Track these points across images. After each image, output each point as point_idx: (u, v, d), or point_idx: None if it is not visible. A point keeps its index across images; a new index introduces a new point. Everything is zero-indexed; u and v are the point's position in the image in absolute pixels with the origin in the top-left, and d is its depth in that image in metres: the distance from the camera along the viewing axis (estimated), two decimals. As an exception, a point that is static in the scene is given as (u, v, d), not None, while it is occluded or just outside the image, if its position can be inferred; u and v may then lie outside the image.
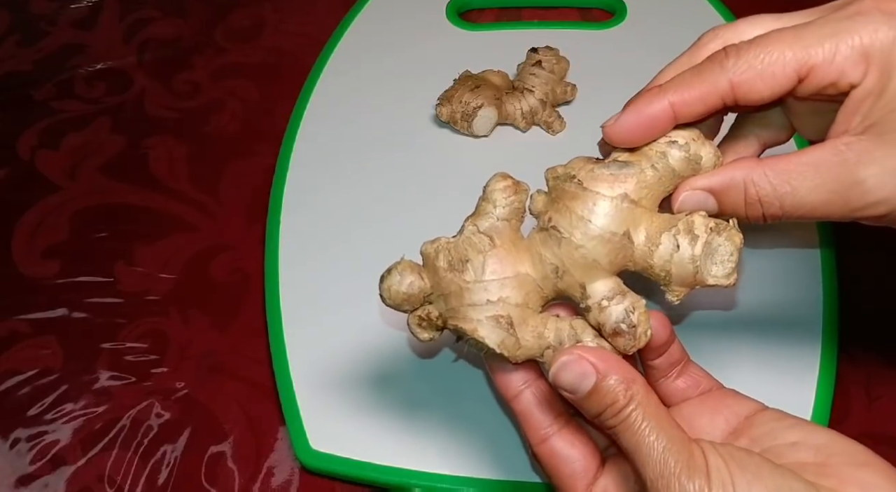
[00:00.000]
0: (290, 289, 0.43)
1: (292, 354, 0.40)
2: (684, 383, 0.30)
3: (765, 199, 0.26)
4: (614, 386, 0.24)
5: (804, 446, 0.25)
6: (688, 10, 0.55)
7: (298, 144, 0.49)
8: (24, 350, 0.43)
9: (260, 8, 0.59)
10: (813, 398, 0.38)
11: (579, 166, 0.28)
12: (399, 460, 0.37)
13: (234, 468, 0.39)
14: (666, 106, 0.27)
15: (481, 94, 0.47)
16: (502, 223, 0.28)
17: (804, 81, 0.25)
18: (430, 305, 0.28)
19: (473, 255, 0.27)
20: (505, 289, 0.27)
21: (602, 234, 0.27)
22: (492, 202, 0.28)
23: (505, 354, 0.27)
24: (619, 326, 0.26)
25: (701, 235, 0.26)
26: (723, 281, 0.27)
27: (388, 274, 0.28)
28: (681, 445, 0.23)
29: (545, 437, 0.28)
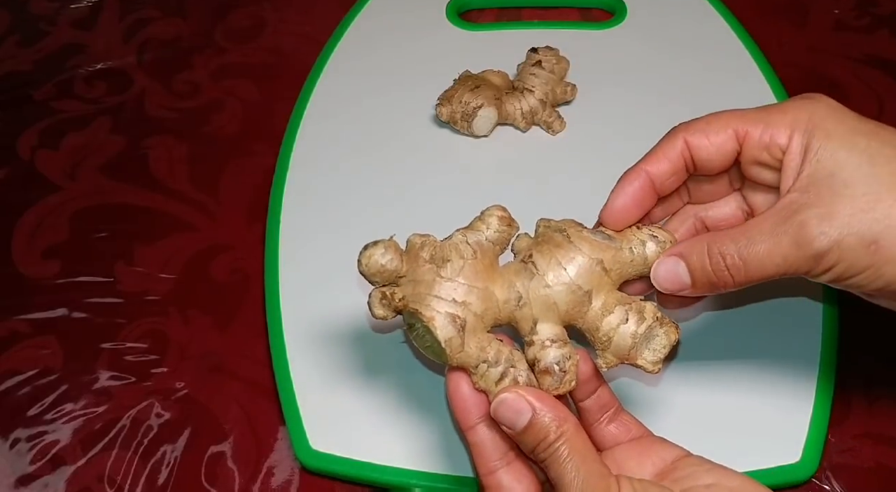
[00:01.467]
0: (290, 289, 0.43)
1: (292, 355, 0.40)
2: (616, 429, 0.32)
3: (727, 255, 0.28)
4: (547, 423, 0.27)
5: (718, 487, 0.27)
6: (688, 10, 0.55)
7: (298, 144, 0.49)
8: (24, 350, 0.43)
9: (260, 8, 0.59)
10: (813, 398, 0.38)
11: (570, 225, 0.31)
12: (399, 460, 0.37)
13: (234, 468, 0.39)
14: (643, 175, 0.31)
15: (481, 94, 0.47)
16: (489, 244, 0.31)
17: (743, 145, 0.29)
18: (396, 287, 0.30)
19: (455, 258, 0.30)
20: (471, 296, 0.29)
21: (570, 283, 0.30)
22: (486, 224, 0.31)
23: (447, 352, 0.29)
24: (551, 367, 0.29)
25: (647, 320, 0.30)
26: (649, 366, 0.30)
27: (374, 245, 0.30)
28: (599, 478, 0.26)
29: (493, 469, 0.29)
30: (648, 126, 0.48)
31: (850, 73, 0.53)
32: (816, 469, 0.36)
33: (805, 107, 0.29)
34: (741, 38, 0.53)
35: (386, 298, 0.30)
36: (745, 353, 0.39)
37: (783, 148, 0.29)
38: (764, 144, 0.29)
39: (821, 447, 0.37)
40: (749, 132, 0.29)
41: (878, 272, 0.27)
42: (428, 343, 0.30)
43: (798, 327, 0.40)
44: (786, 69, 0.52)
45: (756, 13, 0.57)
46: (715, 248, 0.29)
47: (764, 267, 0.28)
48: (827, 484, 0.37)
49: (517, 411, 0.28)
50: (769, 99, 0.49)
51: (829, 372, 0.39)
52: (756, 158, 0.30)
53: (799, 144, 0.28)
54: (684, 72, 0.51)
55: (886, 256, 0.26)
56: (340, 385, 0.39)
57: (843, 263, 0.27)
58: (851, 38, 0.55)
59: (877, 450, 0.38)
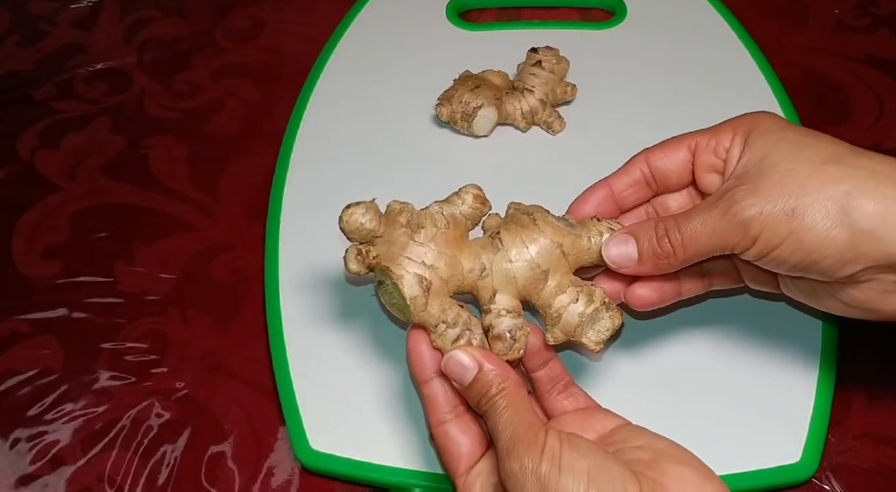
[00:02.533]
0: (290, 289, 0.43)
1: (292, 355, 0.40)
2: (566, 400, 0.34)
3: (669, 230, 0.31)
4: (490, 379, 0.30)
5: (645, 448, 0.29)
6: (688, 10, 0.55)
7: (298, 144, 0.49)
8: (24, 350, 0.43)
9: (260, 8, 0.59)
10: (813, 398, 0.38)
11: (538, 210, 0.34)
12: (399, 460, 0.37)
13: (234, 468, 0.39)
14: (605, 184, 0.35)
15: (481, 94, 0.47)
16: (462, 218, 0.33)
17: (695, 154, 0.33)
18: (371, 246, 0.33)
19: (429, 225, 0.32)
20: (439, 261, 0.32)
21: (531, 261, 0.33)
22: (462, 199, 0.34)
23: (410, 309, 0.32)
24: (503, 334, 0.32)
25: (595, 303, 0.32)
26: (591, 345, 0.32)
27: (356, 205, 0.32)
28: (528, 427, 0.28)
29: (443, 420, 0.32)
30: (648, 126, 0.48)
31: (850, 73, 0.53)
32: (816, 469, 0.36)
33: (749, 116, 0.33)
34: (741, 38, 0.53)
35: (361, 254, 0.32)
36: (746, 353, 0.39)
37: (727, 148, 0.32)
38: (711, 147, 0.33)
39: (821, 447, 0.37)
40: (699, 141, 0.33)
41: (799, 240, 0.29)
42: (395, 300, 0.32)
43: (798, 327, 0.40)
44: (786, 69, 0.52)
45: (756, 13, 0.57)
46: (661, 225, 0.32)
47: (698, 239, 0.31)
48: (827, 484, 0.37)
49: (465, 366, 0.31)
50: (769, 99, 0.49)
51: (830, 372, 0.39)
52: (706, 162, 0.33)
53: (739, 141, 0.32)
54: (684, 72, 0.51)
55: (804, 222, 0.29)
56: (340, 385, 0.39)
57: (767, 232, 0.29)
58: (851, 38, 0.55)
59: (877, 450, 0.38)
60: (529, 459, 0.27)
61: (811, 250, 0.29)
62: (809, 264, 0.29)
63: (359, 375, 0.40)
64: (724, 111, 0.48)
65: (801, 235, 0.29)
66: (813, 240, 0.29)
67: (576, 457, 0.27)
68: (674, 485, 0.27)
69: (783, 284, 0.34)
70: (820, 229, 0.29)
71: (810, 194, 0.29)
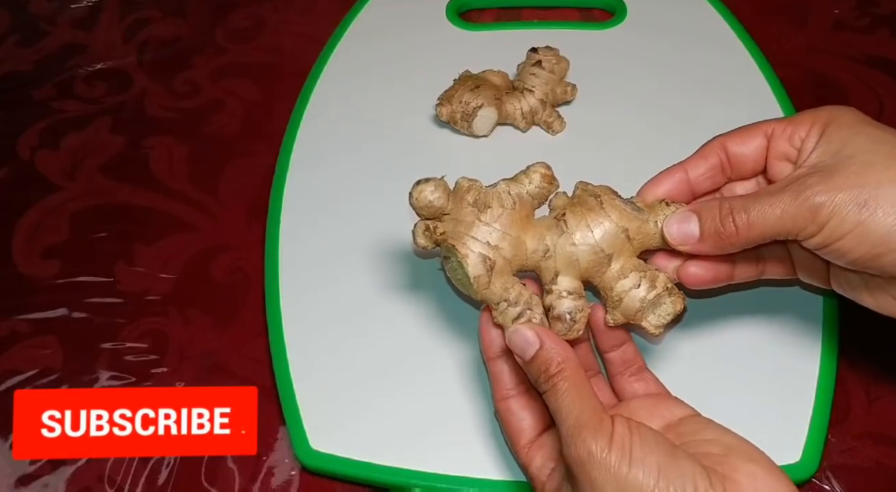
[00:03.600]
0: (290, 289, 0.43)
1: (292, 355, 0.40)
2: (636, 383, 0.35)
3: (734, 214, 0.31)
4: (550, 357, 0.30)
5: (715, 442, 0.30)
6: (688, 10, 0.55)
7: (298, 144, 0.49)
8: (24, 350, 0.43)
9: (260, 8, 0.59)
10: (813, 398, 0.38)
11: (605, 192, 0.34)
12: (399, 460, 0.37)
13: (234, 468, 0.39)
14: (680, 168, 0.35)
15: (481, 94, 0.47)
16: (528, 197, 0.34)
17: (770, 140, 0.33)
18: (439, 222, 0.34)
19: (496, 205, 0.33)
20: (503, 242, 0.33)
21: (594, 245, 0.33)
22: (529, 178, 0.34)
23: (473, 287, 0.33)
24: (563, 315, 0.33)
25: (657, 288, 0.33)
26: (651, 329, 0.33)
27: (425, 181, 0.33)
28: (593, 412, 0.29)
29: (506, 396, 0.34)
30: (648, 126, 0.48)
31: (850, 73, 0.53)
32: (816, 469, 0.36)
33: (828, 108, 0.32)
34: (741, 38, 0.53)
35: (429, 230, 0.34)
36: (746, 353, 0.39)
37: (803, 137, 0.32)
38: (787, 135, 0.32)
39: (821, 447, 0.37)
40: (775, 128, 0.33)
41: (866, 232, 0.29)
42: (459, 276, 0.34)
43: (798, 328, 0.40)
44: (786, 69, 0.52)
45: (756, 13, 0.57)
46: (726, 204, 0.31)
47: (765, 220, 0.30)
48: (827, 484, 0.37)
49: (527, 341, 0.31)
50: (769, 99, 0.49)
51: (830, 372, 0.39)
52: (780, 150, 0.33)
53: (816, 132, 0.32)
54: (684, 72, 0.51)
55: (875, 215, 0.28)
56: (340, 385, 0.39)
57: (835, 220, 0.29)
58: (851, 38, 0.55)
59: (877, 450, 0.38)
60: (597, 446, 0.27)
61: (877, 243, 0.29)
62: (872, 258, 0.29)
63: (359, 375, 0.40)
64: (724, 111, 0.48)
65: (869, 227, 0.29)
66: (881, 233, 0.28)
67: (647, 451, 0.27)
68: (745, 483, 0.27)
69: (834, 279, 0.34)
70: (890, 223, 0.28)
71: (884, 187, 0.29)
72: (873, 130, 0.30)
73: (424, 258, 0.43)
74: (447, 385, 0.39)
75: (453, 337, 0.41)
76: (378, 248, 0.44)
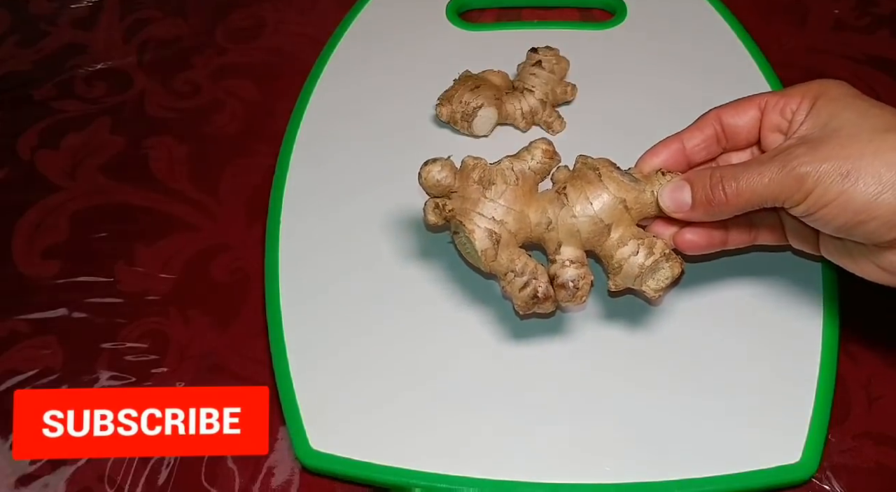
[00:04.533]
0: (290, 289, 0.43)
1: (292, 355, 0.40)
2: None
3: (724, 182, 0.32)
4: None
5: None
6: (688, 11, 0.55)
7: (298, 143, 0.49)
8: (24, 350, 0.43)
9: (260, 8, 0.59)
10: (813, 398, 0.38)
11: (603, 164, 0.36)
12: (399, 460, 0.37)
13: (234, 468, 0.39)
14: (677, 139, 0.36)
15: (481, 94, 0.47)
16: (530, 173, 0.35)
17: (763, 112, 0.35)
18: (448, 200, 0.35)
19: (500, 182, 0.35)
20: (508, 216, 0.35)
21: (594, 216, 0.35)
22: (531, 154, 0.36)
23: (481, 260, 0.35)
24: (567, 283, 0.35)
25: (655, 254, 0.34)
26: (651, 293, 0.35)
27: (433, 162, 0.35)
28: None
29: None
30: (648, 126, 0.48)
31: (850, 73, 0.53)
32: (816, 469, 0.36)
33: (819, 81, 0.34)
34: (741, 38, 0.53)
35: (438, 208, 0.36)
36: (746, 353, 0.39)
37: (794, 110, 0.33)
38: (779, 108, 0.34)
39: (821, 447, 0.37)
40: (769, 101, 0.34)
41: (848, 200, 0.30)
42: (468, 250, 0.36)
43: (799, 327, 0.40)
44: (786, 69, 0.52)
45: (756, 13, 0.57)
46: (716, 173, 0.33)
47: (753, 188, 0.32)
48: (827, 484, 0.37)
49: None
50: (769, 99, 0.49)
51: (830, 372, 0.39)
52: (772, 122, 0.34)
53: (806, 105, 0.33)
54: (684, 72, 0.51)
55: (856, 185, 0.30)
56: (340, 385, 0.39)
57: (820, 188, 0.30)
58: (851, 38, 0.55)
59: (877, 450, 0.38)
60: None
61: (858, 211, 0.30)
62: (855, 225, 0.30)
63: (359, 374, 0.40)
64: (724, 111, 0.48)
65: (851, 196, 0.30)
66: (862, 201, 0.30)
67: None
68: None
69: (823, 245, 0.35)
70: (871, 193, 0.30)
71: (866, 158, 0.30)
72: (861, 104, 0.32)
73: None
74: (447, 385, 0.39)
75: (453, 337, 0.41)
76: (378, 247, 0.44)
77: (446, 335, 0.41)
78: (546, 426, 0.38)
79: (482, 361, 0.40)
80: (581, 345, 0.40)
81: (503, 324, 0.41)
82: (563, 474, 0.36)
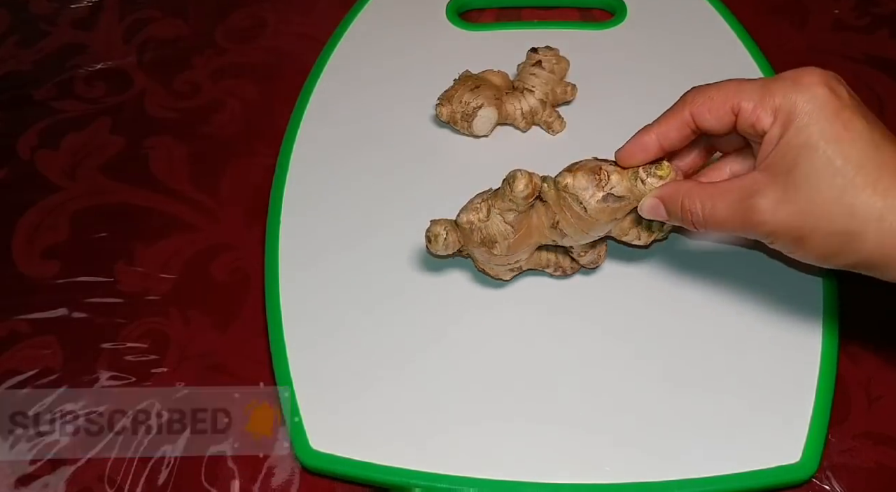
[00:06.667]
0: (290, 289, 0.43)
1: (292, 355, 0.40)
2: None
3: (693, 212, 0.34)
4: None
5: None
6: (688, 10, 0.55)
7: (298, 143, 0.49)
8: (24, 350, 0.43)
9: (260, 8, 0.59)
10: (813, 398, 0.38)
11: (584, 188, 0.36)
12: (399, 460, 0.37)
13: (234, 468, 0.39)
14: (652, 135, 0.36)
15: (481, 94, 0.47)
16: (522, 212, 0.36)
17: (737, 117, 0.33)
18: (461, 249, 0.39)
19: (501, 240, 0.37)
20: (520, 256, 0.39)
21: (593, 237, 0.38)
22: (514, 198, 0.36)
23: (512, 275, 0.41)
24: (588, 264, 0.41)
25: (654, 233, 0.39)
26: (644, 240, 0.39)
27: (434, 240, 0.38)
28: None
29: None
30: (648, 126, 0.48)
31: (850, 73, 0.53)
32: (816, 469, 0.36)
33: (792, 94, 0.31)
34: (741, 38, 0.53)
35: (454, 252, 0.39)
36: (746, 353, 0.39)
37: (765, 130, 0.32)
38: (751, 122, 0.33)
39: (821, 447, 0.37)
40: (742, 108, 0.33)
41: (802, 256, 0.32)
42: None
43: (798, 328, 0.40)
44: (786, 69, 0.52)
45: (756, 13, 0.57)
46: (687, 203, 0.34)
47: (720, 226, 0.33)
48: (827, 484, 0.37)
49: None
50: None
51: (830, 372, 0.39)
52: (746, 130, 0.33)
53: (776, 132, 0.32)
54: (684, 72, 0.51)
55: (806, 249, 0.31)
56: (340, 385, 0.39)
57: (776, 242, 0.32)
58: (851, 38, 0.55)
59: (877, 450, 0.38)
60: None
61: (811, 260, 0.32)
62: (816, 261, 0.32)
63: (359, 375, 0.40)
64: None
65: (801, 255, 0.32)
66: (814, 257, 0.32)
67: None
68: None
69: None
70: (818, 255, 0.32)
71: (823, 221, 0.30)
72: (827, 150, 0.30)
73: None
74: (448, 386, 0.39)
75: (454, 337, 0.41)
76: (378, 248, 0.44)
77: (447, 335, 0.41)
78: (546, 426, 0.38)
79: (482, 361, 0.40)
80: (581, 346, 0.40)
81: (504, 325, 0.41)
82: (563, 474, 0.36)
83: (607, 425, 0.38)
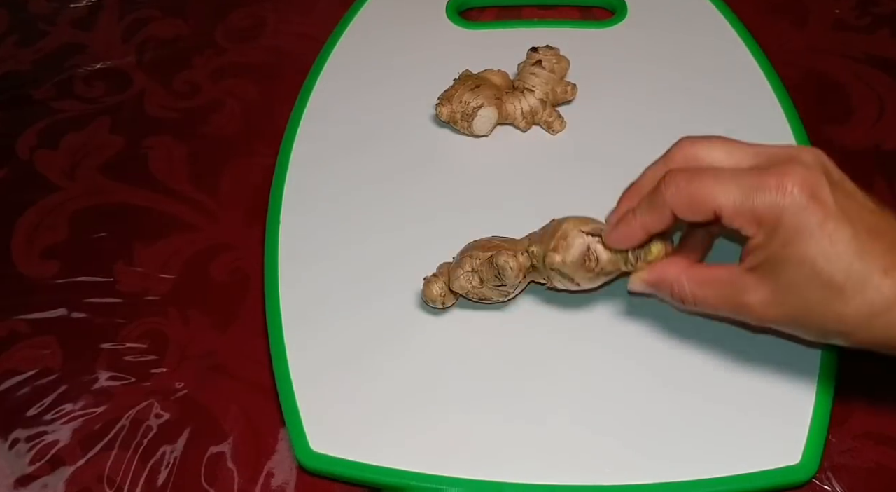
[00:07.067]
0: (290, 289, 0.43)
1: (292, 355, 0.40)
2: None
3: (682, 297, 0.35)
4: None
5: None
6: (688, 10, 0.55)
7: (298, 143, 0.49)
8: (24, 350, 0.43)
9: (260, 8, 0.59)
10: (813, 398, 0.38)
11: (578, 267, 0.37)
12: (398, 462, 0.37)
13: (234, 469, 0.39)
14: (637, 225, 0.35)
15: (481, 93, 0.47)
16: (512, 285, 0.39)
17: (720, 219, 0.32)
18: None
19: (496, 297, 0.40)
20: None
21: None
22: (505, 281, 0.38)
23: None
24: None
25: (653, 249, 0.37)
26: None
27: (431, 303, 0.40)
28: None
29: None
30: (648, 126, 0.48)
31: (850, 73, 0.53)
32: (817, 470, 0.36)
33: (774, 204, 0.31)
34: (742, 38, 0.53)
35: None
36: (746, 353, 0.39)
37: (748, 236, 0.32)
38: (733, 229, 0.32)
39: (821, 448, 0.37)
40: (724, 211, 0.32)
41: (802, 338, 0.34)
42: None
43: (798, 327, 0.40)
44: (786, 69, 0.52)
45: (756, 13, 0.57)
46: (676, 289, 0.35)
47: (710, 311, 0.35)
48: (828, 485, 0.37)
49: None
50: (769, 98, 0.49)
51: (830, 372, 0.39)
52: (728, 229, 0.33)
53: (760, 240, 0.32)
54: (685, 71, 0.51)
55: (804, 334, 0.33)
56: (340, 386, 0.39)
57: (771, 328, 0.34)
58: (852, 38, 0.55)
59: (878, 450, 0.38)
60: None
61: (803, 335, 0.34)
62: None
63: (359, 376, 0.40)
64: (724, 111, 0.48)
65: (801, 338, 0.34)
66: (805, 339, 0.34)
67: None
68: None
69: None
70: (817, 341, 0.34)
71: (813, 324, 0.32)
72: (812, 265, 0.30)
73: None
74: (447, 387, 0.39)
75: (453, 339, 0.41)
76: (378, 248, 0.44)
77: (446, 337, 0.41)
78: (545, 428, 0.38)
79: (482, 362, 0.40)
80: (580, 346, 0.40)
81: (503, 325, 0.41)
82: (562, 476, 0.36)
83: (607, 427, 0.37)
